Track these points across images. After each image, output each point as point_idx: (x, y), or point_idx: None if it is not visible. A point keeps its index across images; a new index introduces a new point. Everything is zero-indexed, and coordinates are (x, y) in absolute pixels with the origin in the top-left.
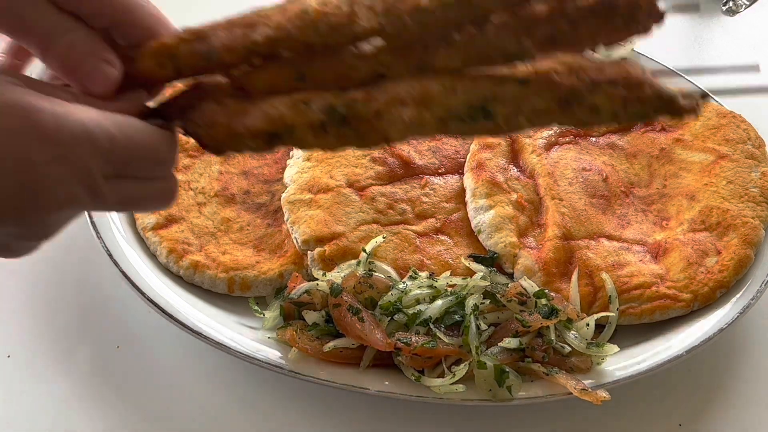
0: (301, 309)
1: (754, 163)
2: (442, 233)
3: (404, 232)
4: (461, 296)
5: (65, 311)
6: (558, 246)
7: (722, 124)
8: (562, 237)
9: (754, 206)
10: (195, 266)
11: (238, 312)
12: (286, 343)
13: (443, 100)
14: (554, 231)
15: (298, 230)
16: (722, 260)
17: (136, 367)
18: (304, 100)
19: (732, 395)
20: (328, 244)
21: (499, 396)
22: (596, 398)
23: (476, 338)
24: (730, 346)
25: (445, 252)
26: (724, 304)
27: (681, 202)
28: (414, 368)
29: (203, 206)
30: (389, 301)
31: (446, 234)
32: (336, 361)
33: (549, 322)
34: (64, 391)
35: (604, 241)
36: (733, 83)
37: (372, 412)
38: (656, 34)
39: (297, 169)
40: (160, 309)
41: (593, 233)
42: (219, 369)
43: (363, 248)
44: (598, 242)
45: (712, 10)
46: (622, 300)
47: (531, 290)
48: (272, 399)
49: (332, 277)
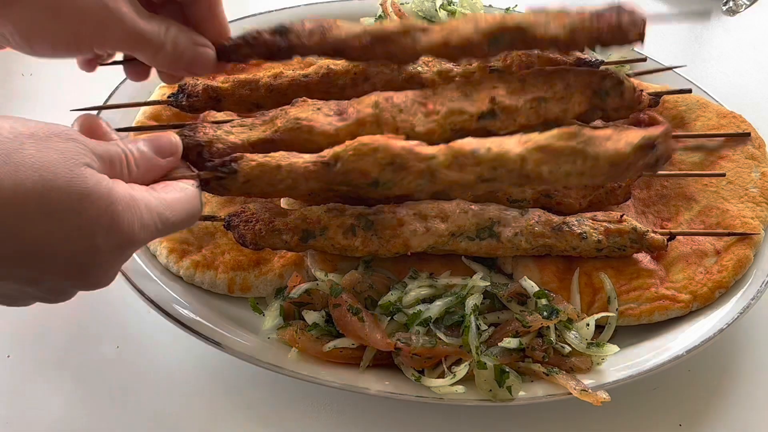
0: (301, 309)
1: (754, 164)
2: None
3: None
4: (461, 296)
5: (65, 311)
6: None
7: (722, 125)
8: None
9: (753, 206)
10: (195, 266)
11: (238, 312)
12: (286, 343)
13: (457, 218)
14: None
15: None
16: (721, 261)
17: (136, 367)
18: (339, 208)
19: (732, 395)
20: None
21: (499, 396)
22: (596, 399)
23: (476, 338)
24: (730, 346)
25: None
26: (724, 305)
27: (680, 203)
28: (414, 368)
29: (203, 206)
30: (389, 301)
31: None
32: (336, 361)
33: (549, 322)
34: (64, 391)
35: None
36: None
37: (372, 412)
38: (656, 34)
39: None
40: (160, 309)
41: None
42: (219, 369)
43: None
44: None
45: (712, 10)
46: (621, 301)
47: (531, 290)
48: (272, 399)
49: (332, 277)
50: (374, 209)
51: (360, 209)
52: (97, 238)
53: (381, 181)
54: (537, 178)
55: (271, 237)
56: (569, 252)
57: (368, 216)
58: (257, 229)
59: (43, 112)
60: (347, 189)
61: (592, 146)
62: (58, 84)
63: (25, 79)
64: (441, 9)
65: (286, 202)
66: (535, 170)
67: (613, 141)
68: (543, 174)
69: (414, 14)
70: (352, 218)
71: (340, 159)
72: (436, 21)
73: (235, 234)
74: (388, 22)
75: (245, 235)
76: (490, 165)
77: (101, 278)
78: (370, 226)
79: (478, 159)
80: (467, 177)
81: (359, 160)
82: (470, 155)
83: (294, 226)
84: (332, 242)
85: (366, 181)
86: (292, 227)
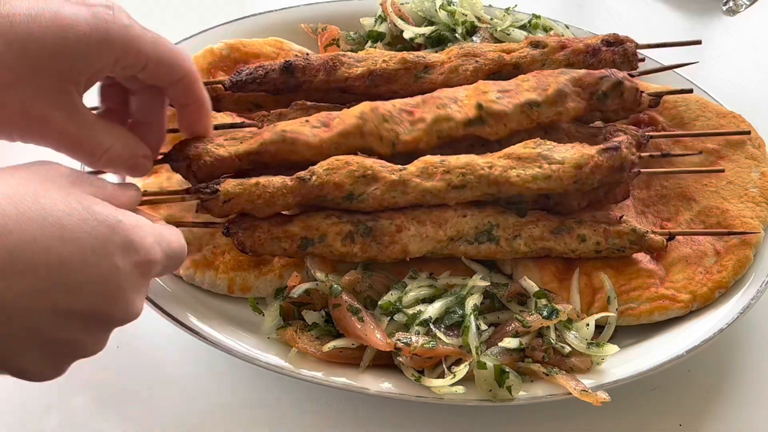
0: (301, 309)
1: (754, 163)
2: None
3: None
4: (461, 296)
5: None
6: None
7: (722, 125)
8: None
9: (753, 206)
10: (195, 266)
11: (238, 312)
12: (286, 343)
13: (455, 223)
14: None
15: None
16: (721, 261)
17: (136, 367)
18: (338, 215)
19: (732, 395)
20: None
21: (499, 396)
22: (596, 399)
23: (476, 338)
24: (730, 346)
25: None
26: (724, 305)
27: (680, 203)
28: (414, 368)
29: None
30: (389, 301)
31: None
32: (336, 361)
33: (549, 322)
34: (64, 391)
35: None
36: (734, 83)
37: (372, 412)
38: (656, 34)
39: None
40: (160, 309)
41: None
42: (219, 369)
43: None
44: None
45: (712, 10)
46: (621, 301)
47: (531, 290)
48: (272, 399)
49: (332, 278)
50: (372, 215)
51: (358, 216)
52: (114, 258)
53: (355, 193)
54: (505, 182)
55: (270, 244)
56: (568, 254)
57: (366, 222)
58: (256, 236)
59: None
60: (324, 204)
61: (556, 152)
62: None
63: None
64: (441, 9)
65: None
66: (503, 175)
67: (576, 148)
68: (511, 178)
69: (414, 14)
70: (351, 225)
71: (314, 173)
72: (436, 21)
73: (234, 241)
74: (389, 55)
75: (244, 243)
76: (459, 171)
77: (129, 305)
78: (369, 232)
79: (447, 166)
80: (438, 185)
81: (333, 173)
82: (439, 164)
83: (292, 234)
84: (331, 249)
85: (340, 194)
86: (291, 235)
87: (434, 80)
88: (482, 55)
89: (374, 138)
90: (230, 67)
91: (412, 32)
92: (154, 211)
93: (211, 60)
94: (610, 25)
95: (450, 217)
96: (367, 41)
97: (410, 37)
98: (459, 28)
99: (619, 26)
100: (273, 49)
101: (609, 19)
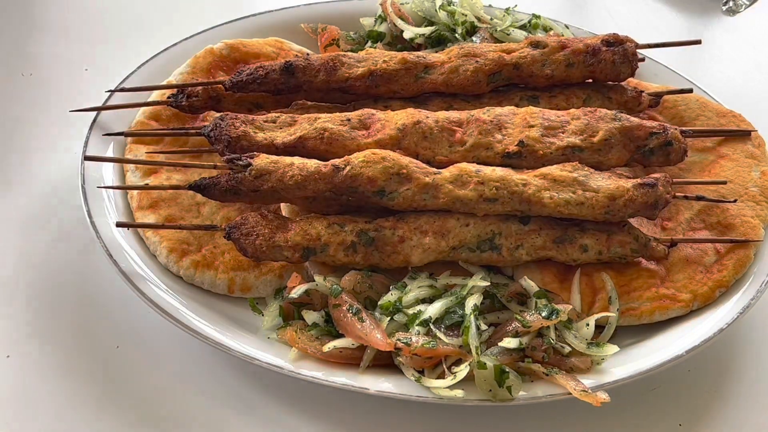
0: (301, 309)
1: (754, 163)
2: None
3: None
4: (461, 296)
5: (65, 312)
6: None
7: (722, 124)
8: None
9: (754, 205)
10: (195, 266)
11: (238, 312)
12: (286, 343)
13: (457, 234)
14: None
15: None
16: (722, 260)
17: (135, 367)
18: (339, 222)
19: (732, 395)
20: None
21: (499, 396)
22: (596, 400)
23: (476, 338)
24: (730, 346)
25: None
26: (724, 304)
27: (680, 202)
28: (414, 368)
29: (202, 206)
30: (389, 301)
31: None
32: (336, 361)
33: (549, 322)
34: (64, 391)
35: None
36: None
37: (372, 412)
38: (656, 34)
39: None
40: (160, 309)
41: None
42: (219, 369)
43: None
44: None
45: (712, 10)
46: (621, 301)
47: (531, 290)
48: (272, 399)
49: (332, 278)
50: (375, 225)
51: (360, 225)
52: None
53: (387, 190)
54: (537, 203)
55: (272, 252)
56: (569, 263)
57: (369, 232)
58: (258, 243)
59: (42, 112)
60: (351, 198)
61: (592, 180)
62: (58, 84)
63: (25, 79)
64: (441, 9)
65: (287, 210)
66: (536, 195)
67: (613, 179)
68: (544, 199)
69: (414, 14)
70: (353, 235)
71: (349, 163)
72: (436, 21)
73: (236, 246)
74: (389, 55)
75: (246, 249)
76: (493, 185)
77: None
78: (371, 242)
79: (482, 177)
80: (470, 194)
81: (367, 167)
82: (474, 173)
83: (294, 244)
84: (333, 259)
85: (372, 188)
86: (293, 245)
87: (434, 80)
88: (482, 55)
89: (410, 154)
90: (230, 67)
91: (412, 32)
92: (154, 212)
93: (211, 60)
94: (610, 25)
95: (452, 227)
96: (367, 41)
97: (410, 37)
98: (459, 28)
99: (619, 26)
100: (273, 49)
101: (609, 19)
